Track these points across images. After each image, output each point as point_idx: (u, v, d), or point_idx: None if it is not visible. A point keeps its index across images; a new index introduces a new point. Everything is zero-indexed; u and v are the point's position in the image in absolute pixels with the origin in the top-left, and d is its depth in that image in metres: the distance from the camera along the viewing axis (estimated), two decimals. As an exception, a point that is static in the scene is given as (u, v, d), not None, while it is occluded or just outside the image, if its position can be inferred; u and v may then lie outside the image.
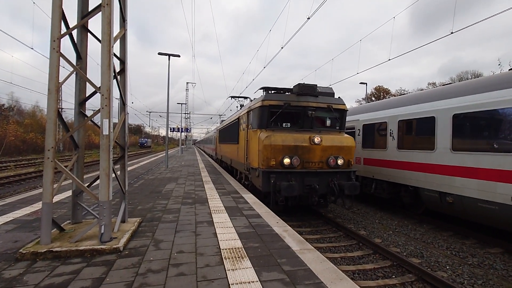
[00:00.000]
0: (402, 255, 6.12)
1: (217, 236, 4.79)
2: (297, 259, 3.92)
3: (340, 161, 8.41)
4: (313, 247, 4.37)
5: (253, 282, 3.25)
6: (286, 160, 7.98)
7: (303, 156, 8.17)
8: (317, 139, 8.13)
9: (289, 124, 8.80)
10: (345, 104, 9.19)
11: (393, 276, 5.40)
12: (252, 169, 9.03)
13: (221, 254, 4.02)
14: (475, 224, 8.10)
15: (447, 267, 5.75)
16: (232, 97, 18.20)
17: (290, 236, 4.85)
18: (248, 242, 4.55)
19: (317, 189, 7.97)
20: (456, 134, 7.50)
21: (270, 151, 7.94)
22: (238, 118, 12.32)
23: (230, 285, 3.17)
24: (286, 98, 8.65)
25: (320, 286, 3.19)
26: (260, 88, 9.91)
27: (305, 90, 8.70)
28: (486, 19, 7.88)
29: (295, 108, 8.63)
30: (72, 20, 4.55)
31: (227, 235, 4.85)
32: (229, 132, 15.70)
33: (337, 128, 9.18)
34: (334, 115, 9.02)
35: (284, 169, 7.98)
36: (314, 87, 8.81)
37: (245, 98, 16.97)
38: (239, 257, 3.95)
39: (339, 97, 9.37)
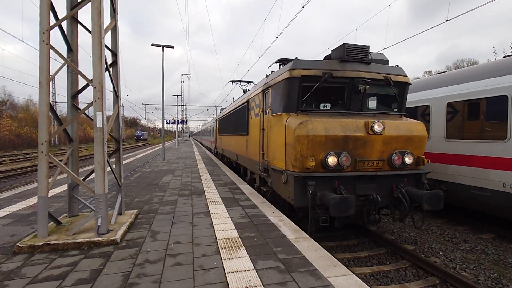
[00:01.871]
0: (396, 242, 6.24)
1: (213, 227, 4.85)
2: (293, 247, 3.98)
3: (408, 159, 5.83)
4: (308, 236, 4.44)
5: (249, 270, 3.31)
6: (332, 159, 5.37)
7: (356, 152, 5.55)
8: (378, 126, 5.47)
9: (328, 104, 6.21)
10: (407, 76, 6.53)
11: (388, 263, 5.52)
12: (274, 171, 6.48)
13: (217, 244, 4.08)
14: (468, 211, 8.25)
15: (440, 253, 5.87)
16: (233, 81, 16.46)
17: (286, 226, 4.92)
18: (244, 232, 4.61)
19: (376, 201, 5.51)
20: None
21: (306, 146, 5.30)
22: (247, 102, 9.51)
23: (227, 273, 3.23)
24: (326, 66, 5.97)
25: (314, 273, 3.26)
26: (276, 62, 7.77)
27: (353, 54, 6.06)
28: (480, 6, 7.84)
29: (340, 80, 5.90)
30: (62, 11, 4.46)
31: (224, 226, 4.90)
32: (233, 121, 12.75)
33: (396, 110, 6.54)
34: (393, 91, 6.28)
35: (327, 171, 5.44)
36: (365, 49, 6.17)
37: (248, 82, 15.82)
38: (235, 246, 4.01)
39: (397, 66, 6.62)
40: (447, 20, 8.46)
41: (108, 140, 4.55)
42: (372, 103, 6.67)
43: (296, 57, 6.13)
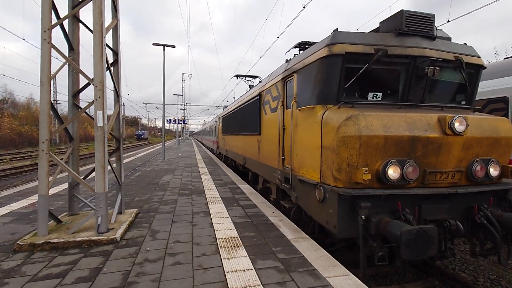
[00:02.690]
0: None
1: (213, 226, 4.85)
2: (292, 247, 3.99)
3: (493, 169, 4.30)
4: (308, 236, 4.45)
5: (248, 270, 3.31)
6: (394, 171, 3.83)
7: (426, 160, 4.01)
8: (459, 124, 3.91)
9: (379, 94, 4.53)
10: (480, 57, 4.92)
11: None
12: (301, 184, 4.96)
13: (217, 244, 4.09)
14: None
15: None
16: (238, 76, 15.05)
17: (286, 226, 4.93)
18: (244, 231, 4.62)
19: (456, 230, 4.01)
20: None
21: (357, 151, 3.80)
22: (259, 95, 7.96)
23: (226, 273, 3.24)
24: (378, 40, 4.38)
25: (313, 273, 3.26)
26: (296, 46, 6.43)
27: (415, 24, 4.49)
28: (481, 7, 7.84)
29: (397, 60, 4.31)
30: (63, 10, 4.48)
31: (223, 225, 4.91)
32: (240, 119, 11.15)
33: (463, 102, 4.93)
34: (464, 77, 4.68)
35: (386, 188, 3.93)
36: (431, 19, 4.58)
37: (254, 77, 14.67)
38: (234, 246, 4.02)
39: (465, 44, 4.99)
40: (448, 21, 8.45)
41: (108, 139, 4.56)
42: (451, 91, 4.91)
43: (336, 28, 4.63)
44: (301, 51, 6.13)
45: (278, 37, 13.51)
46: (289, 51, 6.75)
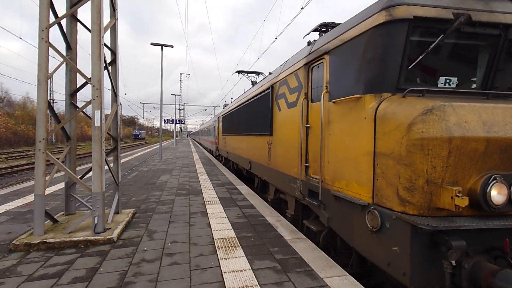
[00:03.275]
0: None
1: (210, 227, 4.85)
2: (289, 248, 4.00)
3: None
4: (305, 236, 4.46)
5: (246, 270, 3.32)
6: (499, 192, 2.60)
7: None
8: None
9: (453, 79, 3.37)
10: None
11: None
12: (338, 201, 3.79)
13: (214, 244, 4.09)
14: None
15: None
16: (239, 72, 14.10)
17: (283, 226, 4.93)
18: (241, 232, 4.62)
19: None
20: None
21: (445, 161, 2.64)
22: (270, 88, 6.76)
23: (223, 273, 3.24)
24: (457, 2, 3.22)
25: (311, 273, 3.27)
26: (315, 29, 5.31)
27: None
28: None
29: (483, 31, 3.17)
30: (61, 9, 4.46)
31: (221, 225, 4.91)
32: (245, 117, 9.97)
33: None
34: None
35: (481, 214, 2.72)
36: None
37: (258, 73, 13.76)
38: (232, 246, 4.01)
39: None
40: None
41: (106, 139, 4.55)
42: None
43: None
44: (321, 35, 5.14)
45: (276, 38, 13.54)
46: (307, 34, 5.50)
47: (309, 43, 5.18)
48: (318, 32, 5.30)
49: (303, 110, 4.88)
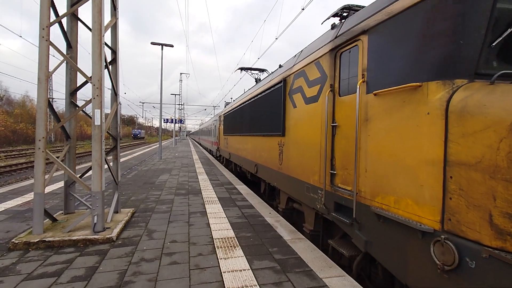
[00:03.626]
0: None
1: (210, 226, 4.85)
2: (289, 248, 4.00)
3: None
4: (304, 237, 4.46)
5: (245, 270, 3.32)
6: None
7: None
8: None
9: None
10: None
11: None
12: (383, 222, 2.98)
13: (213, 244, 4.09)
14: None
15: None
16: (242, 68, 13.65)
17: (282, 226, 4.94)
18: (240, 232, 4.62)
19: None
20: None
21: None
22: (282, 81, 6.01)
23: (222, 273, 3.24)
24: None
25: (310, 273, 3.27)
26: (336, 14, 4.52)
27: None
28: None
29: None
30: (62, 8, 4.46)
31: (220, 225, 4.91)
32: (250, 115, 9.12)
33: None
34: None
35: None
36: None
37: (261, 70, 13.25)
38: (231, 246, 4.02)
39: None
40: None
41: (105, 138, 4.55)
42: None
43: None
44: (341, 21, 4.35)
45: (276, 39, 13.55)
46: (327, 19, 4.71)
47: (332, 27, 4.45)
48: (339, 18, 4.52)
49: (328, 106, 4.11)
